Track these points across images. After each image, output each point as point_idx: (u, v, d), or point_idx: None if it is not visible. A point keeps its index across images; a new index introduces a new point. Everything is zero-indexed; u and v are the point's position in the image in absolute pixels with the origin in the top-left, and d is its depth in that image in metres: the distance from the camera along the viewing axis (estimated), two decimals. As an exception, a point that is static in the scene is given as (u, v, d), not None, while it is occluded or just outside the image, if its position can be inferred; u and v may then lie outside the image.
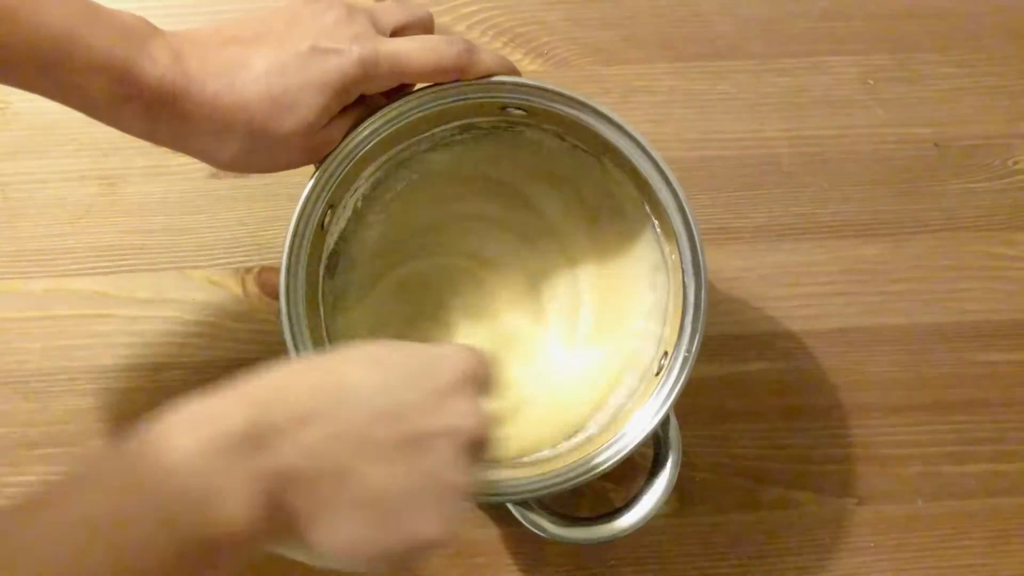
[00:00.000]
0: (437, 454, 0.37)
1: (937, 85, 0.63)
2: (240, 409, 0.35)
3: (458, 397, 0.38)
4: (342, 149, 0.48)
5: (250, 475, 0.34)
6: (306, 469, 0.35)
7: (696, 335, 0.47)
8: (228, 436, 0.34)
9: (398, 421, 0.37)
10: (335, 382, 0.37)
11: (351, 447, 0.36)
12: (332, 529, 0.36)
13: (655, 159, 0.47)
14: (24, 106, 0.60)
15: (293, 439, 0.35)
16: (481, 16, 0.63)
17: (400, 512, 0.36)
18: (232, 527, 0.33)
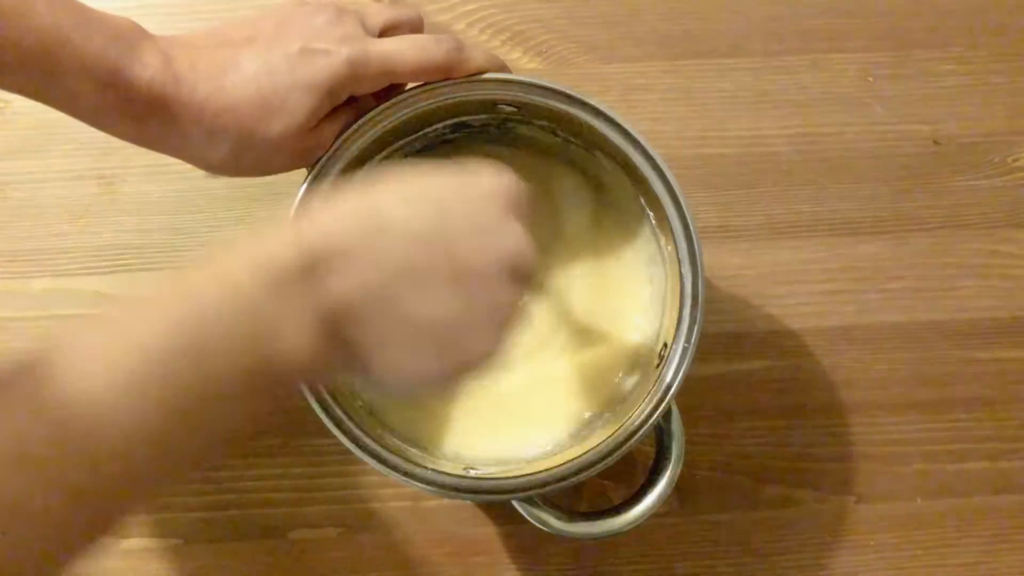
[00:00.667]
0: (483, 275, 0.37)
1: (937, 82, 0.63)
2: (290, 246, 0.35)
3: (502, 222, 0.38)
4: (335, 150, 0.48)
5: (306, 309, 0.35)
6: (357, 301, 0.36)
7: (695, 326, 0.47)
8: (283, 269, 0.35)
9: (439, 246, 0.37)
10: (375, 210, 0.37)
11: (396, 276, 0.36)
12: (387, 358, 0.37)
13: (648, 151, 0.47)
14: (24, 106, 0.59)
15: (341, 273, 0.35)
16: (480, 14, 0.63)
17: (453, 336, 0.37)
18: (295, 358, 0.35)
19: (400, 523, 0.58)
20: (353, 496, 0.57)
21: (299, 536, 0.57)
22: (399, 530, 0.57)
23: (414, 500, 0.57)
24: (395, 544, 0.57)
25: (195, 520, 0.57)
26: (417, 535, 0.57)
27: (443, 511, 0.58)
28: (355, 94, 0.47)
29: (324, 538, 0.57)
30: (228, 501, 0.57)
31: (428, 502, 0.57)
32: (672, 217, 0.47)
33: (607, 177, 0.53)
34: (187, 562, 0.57)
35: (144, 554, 0.57)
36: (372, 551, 0.57)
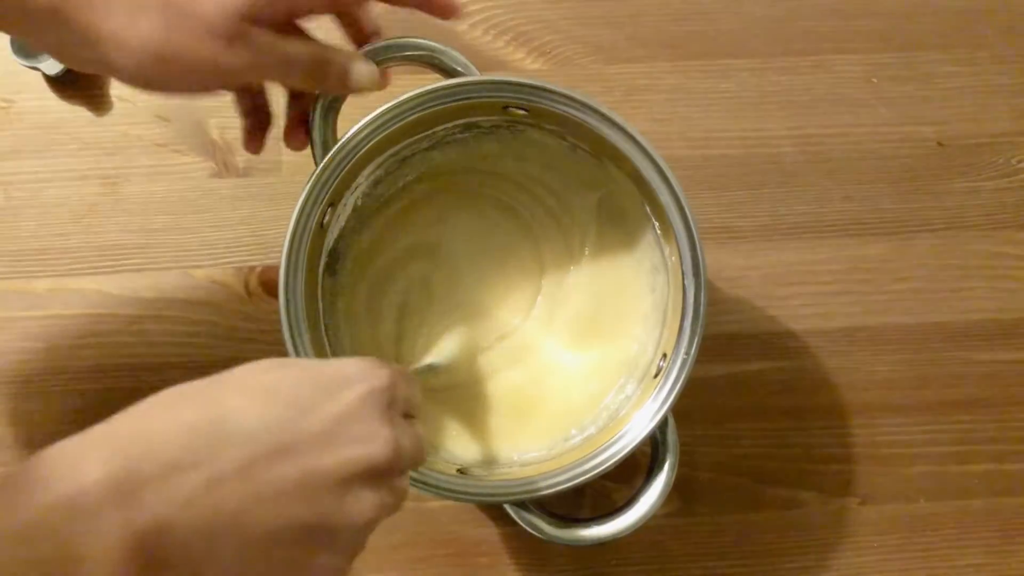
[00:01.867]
0: (336, 489, 0.34)
1: (941, 84, 0.62)
2: (102, 458, 0.31)
3: (359, 420, 0.35)
4: (343, 147, 0.48)
5: (113, 534, 0.30)
6: (181, 522, 0.31)
7: (695, 338, 0.47)
8: (87, 492, 0.30)
9: (288, 456, 0.33)
10: (212, 416, 0.33)
11: (234, 491, 0.32)
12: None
13: (656, 160, 0.47)
14: (27, 105, 0.60)
15: (163, 489, 0.31)
16: (484, 15, 0.63)
17: (297, 555, 0.33)
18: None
19: (403, 524, 0.57)
20: (356, 496, 0.57)
21: (302, 536, 0.57)
22: (402, 531, 0.57)
23: (416, 501, 0.57)
24: (397, 545, 0.57)
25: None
26: (419, 536, 0.57)
27: (445, 512, 0.58)
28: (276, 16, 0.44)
29: (327, 538, 0.57)
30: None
31: (430, 503, 0.57)
32: (677, 228, 0.47)
33: (613, 184, 0.53)
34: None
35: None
36: (374, 552, 0.57)
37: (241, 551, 0.32)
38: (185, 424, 0.33)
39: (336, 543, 0.34)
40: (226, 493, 0.32)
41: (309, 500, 0.33)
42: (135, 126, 0.60)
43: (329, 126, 0.49)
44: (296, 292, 0.47)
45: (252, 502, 0.32)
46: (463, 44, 0.62)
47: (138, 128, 0.61)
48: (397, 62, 0.50)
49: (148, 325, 0.58)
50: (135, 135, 0.61)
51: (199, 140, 0.60)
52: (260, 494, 0.32)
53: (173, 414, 0.33)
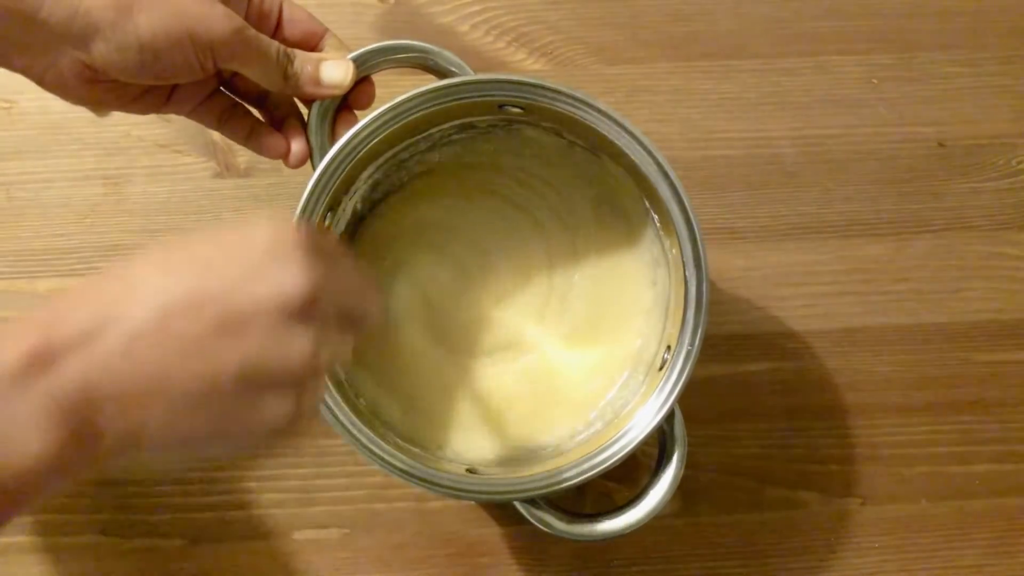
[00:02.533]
0: (261, 329, 0.33)
1: (941, 84, 0.63)
2: (21, 336, 0.32)
3: (273, 262, 0.34)
4: (341, 150, 0.48)
5: (38, 403, 0.31)
6: (105, 385, 0.32)
7: (699, 329, 0.47)
8: (9, 364, 0.31)
9: (200, 307, 0.33)
10: (122, 285, 0.33)
11: (152, 349, 0.32)
12: (156, 438, 0.33)
13: (653, 154, 0.47)
14: (29, 106, 0.60)
15: (83, 354, 0.31)
16: (485, 15, 0.63)
17: (233, 404, 0.33)
18: (23, 465, 0.31)
19: (404, 524, 0.58)
20: (357, 497, 0.57)
21: (304, 536, 0.57)
22: (403, 531, 0.57)
23: (418, 501, 0.57)
24: (400, 545, 0.57)
25: (199, 520, 0.57)
26: (421, 536, 0.57)
27: (447, 512, 0.58)
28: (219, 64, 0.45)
29: (328, 539, 0.57)
30: (232, 501, 0.57)
31: (432, 503, 0.57)
32: (677, 220, 0.47)
33: (612, 179, 0.53)
34: (191, 562, 0.57)
35: (147, 554, 0.57)
36: (376, 552, 0.57)
37: (175, 407, 0.32)
38: (95, 294, 0.33)
39: (274, 386, 0.34)
40: (145, 350, 0.32)
41: (232, 343, 0.33)
42: (137, 126, 0.60)
43: (326, 130, 0.50)
44: None
45: (174, 356, 0.32)
46: (464, 45, 0.62)
47: (140, 128, 0.61)
48: (390, 66, 0.50)
49: (150, 325, 0.58)
50: (137, 135, 0.61)
51: (201, 141, 0.61)
52: (179, 348, 0.32)
53: (82, 291, 0.34)
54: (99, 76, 0.43)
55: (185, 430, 0.33)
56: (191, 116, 0.49)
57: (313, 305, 0.34)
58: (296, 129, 0.50)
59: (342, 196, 0.51)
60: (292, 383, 0.34)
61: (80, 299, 0.33)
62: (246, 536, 0.57)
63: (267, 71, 0.46)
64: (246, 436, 0.34)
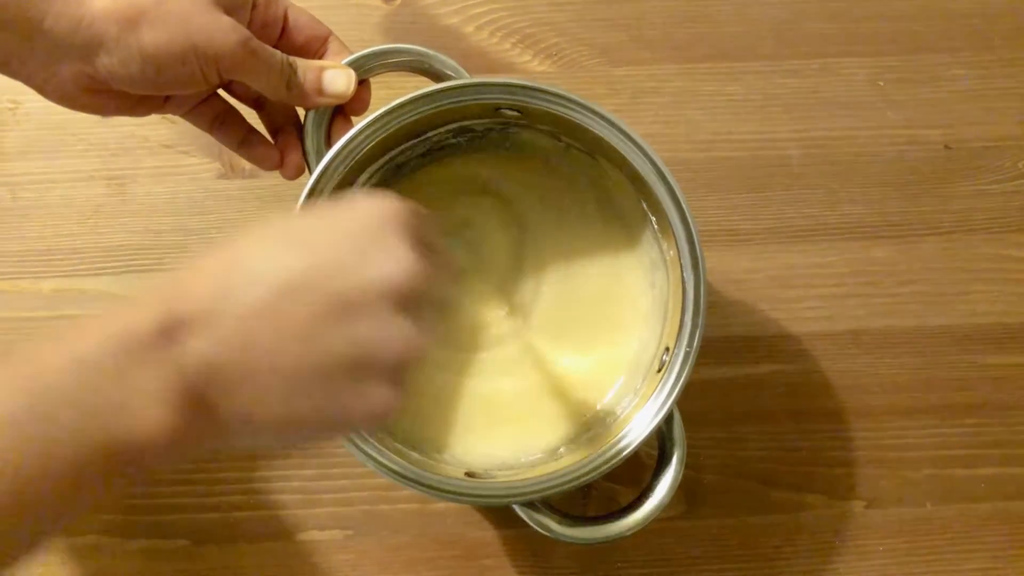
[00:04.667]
0: (369, 315, 0.34)
1: (947, 87, 0.62)
2: (148, 309, 0.33)
3: (380, 247, 0.35)
4: (337, 155, 0.48)
5: (162, 375, 0.32)
6: (222, 360, 0.33)
7: (697, 331, 0.47)
8: (136, 338, 0.32)
9: (312, 289, 0.33)
10: (236, 264, 0.34)
11: (267, 329, 0.33)
12: (267, 415, 0.34)
13: (650, 155, 0.47)
14: (34, 106, 0.61)
15: (202, 331, 0.33)
16: (490, 17, 0.63)
17: (339, 387, 0.34)
18: (146, 435, 0.32)
19: (407, 526, 0.57)
20: (360, 498, 0.57)
21: (306, 538, 0.57)
22: (406, 533, 0.57)
23: (421, 503, 0.57)
24: (402, 547, 0.57)
25: (202, 521, 0.57)
26: (424, 538, 0.57)
27: (450, 514, 0.58)
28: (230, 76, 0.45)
29: (331, 540, 0.57)
30: (235, 503, 0.57)
31: (435, 505, 0.57)
32: (674, 222, 0.47)
33: (609, 182, 0.53)
34: (194, 563, 0.57)
35: (151, 555, 0.57)
36: (379, 553, 0.57)
37: (287, 388, 0.33)
38: (212, 275, 0.34)
39: (379, 370, 0.34)
40: (256, 330, 0.33)
41: (340, 327, 0.33)
42: (142, 127, 0.60)
43: (322, 135, 0.50)
44: None
45: (285, 338, 0.33)
46: (469, 46, 0.62)
47: (144, 129, 0.61)
48: (386, 69, 0.50)
49: (154, 326, 0.59)
50: (141, 136, 0.61)
51: (205, 141, 0.60)
52: (291, 329, 0.33)
53: (201, 268, 0.35)
54: (101, 86, 0.43)
55: (292, 411, 0.34)
56: (186, 117, 0.49)
57: (417, 291, 0.35)
58: (292, 139, 0.50)
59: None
60: (393, 370, 0.35)
61: (198, 275, 0.34)
62: (250, 537, 0.57)
63: (270, 81, 0.46)
64: (346, 420, 0.35)
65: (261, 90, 0.47)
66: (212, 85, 0.45)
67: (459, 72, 0.49)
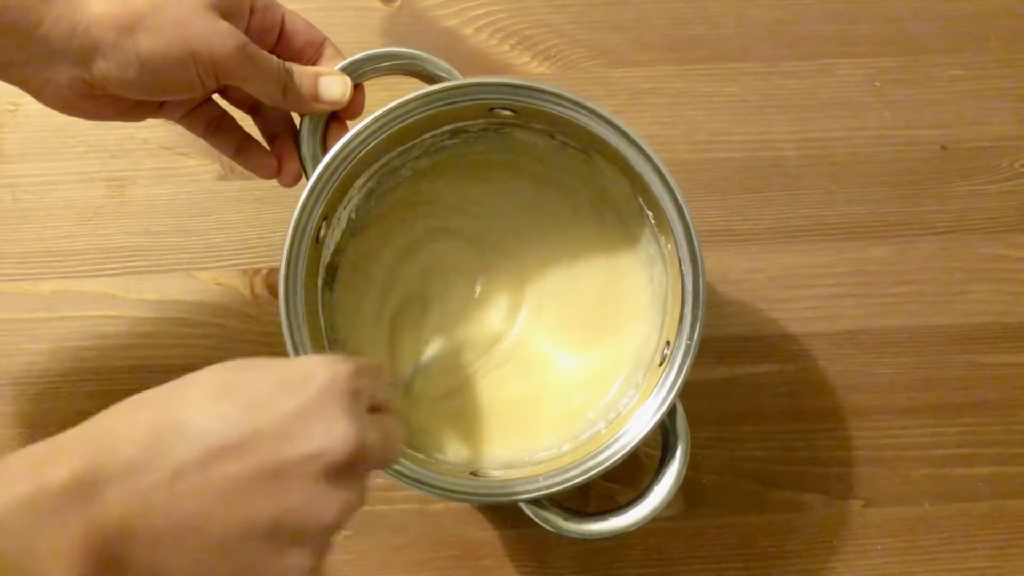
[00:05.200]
0: (299, 485, 0.33)
1: (944, 87, 0.63)
2: (65, 459, 0.31)
3: (320, 415, 0.34)
4: (334, 159, 0.48)
5: (73, 532, 0.30)
6: (141, 522, 0.31)
7: (697, 323, 0.47)
8: (49, 490, 0.30)
9: (245, 453, 0.33)
10: (171, 417, 0.33)
11: (194, 490, 0.32)
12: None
13: (645, 151, 0.47)
14: (34, 108, 0.60)
15: (123, 488, 0.31)
16: (489, 19, 0.63)
17: (258, 553, 0.33)
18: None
19: (407, 526, 0.58)
20: (360, 498, 0.57)
21: (306, 538, 0.57)
22: (406, 533, 0.58)
23: (421, 503, 0.57)
24: (402, 547, 0.57)
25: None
26: (424, 538, 0.58)
27: (450, 514, 0.58)
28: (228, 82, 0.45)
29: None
30: (236, 503, 0.57)
31: (435, 505, 0.57)
32: (671, 216, 0.47)
33: (605, 179, 0.53)
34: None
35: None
36: (379, 554, 0.57)
37: (203, 551, 0.32)
38: (145, 425, 0.33)
39: (303, 542, 0.34)
40: (184, 492, 0.32)
41: (269, 497, 0.33)
42: (141, 129, 0.61)
43: (317, 140, 0.50)
44: (296, 307, 0.47)
45: (212, 501, 0.32)
46: (469, 48, 0.62)
47: (144, 131, 0.61)
48: (379, 73, 0.50)
49: (153, 327, 0.59)
50: (141, 138, 0.61)
51: (204, 143, 0.60)
52: (219, 493, 0.32)
53: (135, 416, 0.34)
54: (97, 91, 0.43)
55: (206, 574, 0.33)
56: (180, 122, 0.50)
57: (353, 463, 0.34)
58: (288, 146, 0.50)
59: (336, 205, 0.51)
60: (318, 539, 0.34)
61: (129, 425, 0.33)
62: (249, 538, 0.57)
63: (267, 87, 0.46)
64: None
65: (257, 96, 0.47)
66: (209, 90, 0.45)
67: (452, 74, 0.49)
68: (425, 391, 0.53)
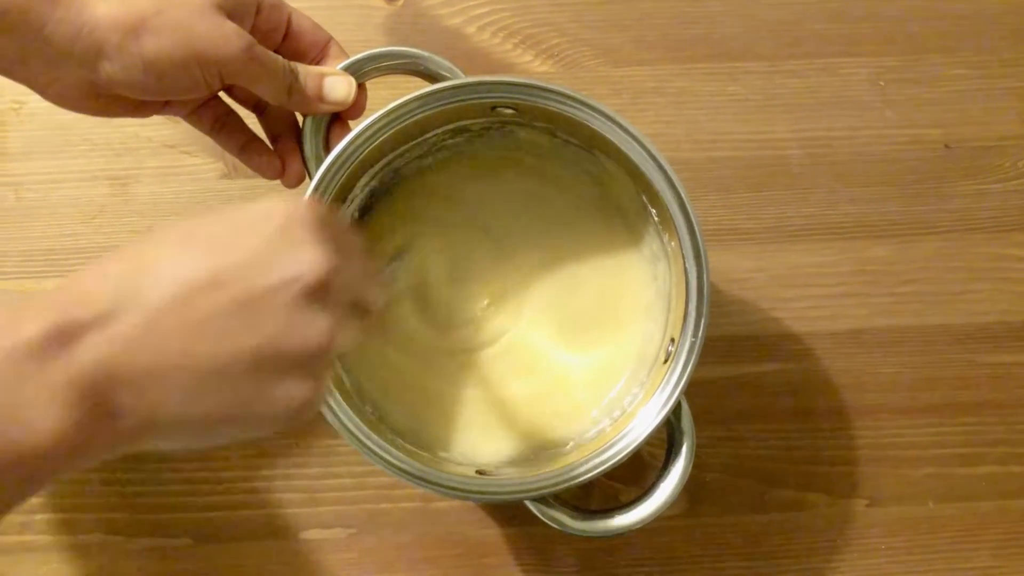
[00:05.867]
0: (276, 310, 0.33)
1: (947, 87, 0.63)
2: (41, 314, 0.32)
3: (288, 244, 0.34)
4: (337, 158, 0.48)
5: (56, 381, 0.31)
6: (125, 364, 0.32)
7: (701, 320, 0.47)
8: (28, 343, 0.31)
9: (219, 287, 0.33)
10: (138, 265, 0.33)
11: (172, 328, 0.32)
12: (172, 419, 0.33)
13: (648, 148, 0.47)
14: (38, 107, 0.61)
15: (101, 334, 0.32)
16: (492, 18, 0.63)
17: (248, 386, 0.33)
18: (39, 442, 0.31)
19: (410, 524, 0.58)
20: (363, 497, 0.58)
21: (309, 536, 0.57)
22: (409, 531, 0.58)
23: (424, 501, 0.57)
24: (405, 545, 0.57)
25: (205, 520, 0.57)
26: (427, 536, 0.58)
27: (453, 512, 0.58)
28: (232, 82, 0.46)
29: (334, 539, 0.57)
30: (238, 501, 0.57)
31: (438, 503, 0.58)
32: (675, 213, 0.47)
33: (607, 177, 0.53)
34: (196, 562, 0.57)
35: (153, 554, 0.57)
36: (382, 552, 0.57)
37: (193, 388, 0.33)
38: (115, 277, 0.33)
39: (290, 370, 0.34)
40: (165, 331, 0.32)
41: (248, 327, 0.33)
42: (145, 127, 0.61)
43: (320, 140, 0.50)
44: None
45: (193, 336, 0.32)
46: (471, 47, 0.62)
47: (148, 129, 0.61)
48: (382, 72, 0.50)
49: (157, 325, 0.59)
50: (145, 136, 0.61)
51: (209, 142, 0.60)
52: (200, 327, 0.33)
53: (101, 270, 0.34)
54: (102, 91, 0.44)
55: (200, 412, 0.33)
56: (186, 119, 0.50)
57: (327, 287, 0.34)
58: (292, 146, 0.50)
59: (340, 205, 0.51)
60: (307, 366, 0.34)
61: (99, 278, 0.33)
62: (252, 536, 0.57)
63: (272, 87, 0.46)
64: (259, 419, 0.35)
65: (262, 95, 0.47)
66: (214, 90, 0.46)
67: (455, 73, 0.50)
68: (428, 389, 0.53)
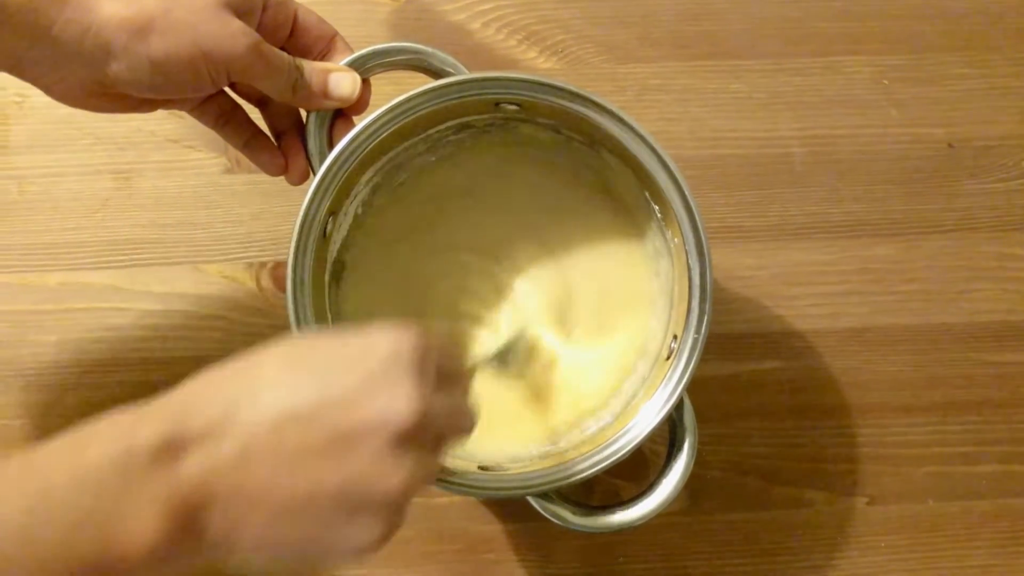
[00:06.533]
0: (366, 451, 0.34)
1: (951, 86, 0.63)
2: (153, 423, 0.33)
3: (386, 384, 0.34)
4: (340, 154, 0.48)
5: (157, 493, 0.32)
6: (218, 484, 0.33)
7: (704, 317, 0.47)
8: (137, 452, 0.32)
9: (312, 421, 0.34)
10: (245, 386, 0.35)
11: (263, 456, 0.33)
12: (249, 543, 0.34)
13: (651, 144, 0.47)
14: (41, 100, 0.60)
15: (201, 453, 0.33)
16: (496, 14, 0.63)
17: (326, 521, 0.34)
18: (133, 548, 0.32)
19: (411, 520, 0.56)
20: (365, 492, 0.58)
21: (311, 531, 0.57)
22: (410, 527, 0.57)
23: (425, 497, 0.58)
24: (406, 541, 0.57)
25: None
26: (428, 532, 0.58)
27: (453, 508, 0.58)
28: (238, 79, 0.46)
29: (336, 533, 0.57)
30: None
31: (439, 499, 0.58)
32: (678, 210, 0.47)
33: (611, 173, 0.53)
34: (198, 556, 0.57)
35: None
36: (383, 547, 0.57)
37: (272, 517, 0.33)
38: (222, 393, 0.34)
39: (369, 510, 0.34)
40: (256, 457, 0.33)
41: (335, 464, 0.33)
42: (148, 121, 0.61)
43: (323, 136, 0.50)
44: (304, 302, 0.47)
45: (279, 468, 0.33)
46: (475, 43, 0.62)
47: (151, 124, 0.61)
48: (385, 68, 0.50)
49: (159, 319, 0.59)
50: (148, 130, 0.61)
51: (211, 136, 0.60)
52: (287, 460, 0.33)
53: (214, 385, 0.35)
54: (108, 89, 0.44)
55: (277, 539, 0.34)
56: (192, 114, 0.50)
57: (420, 431, 0.35)
58: (295, 143, 0.50)
59: (343, 201, 0.51)
60: (384, 509, 0.34)
61: (210, 391, 0.35)
62: (254, 530, 0.57)
63: (277, 84, 0.46)
64: (331, 553, 0.35)
65: (267, 92, 0.47)
66: (219, 88, 0.46)
67: (458, 68, 0.49)
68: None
